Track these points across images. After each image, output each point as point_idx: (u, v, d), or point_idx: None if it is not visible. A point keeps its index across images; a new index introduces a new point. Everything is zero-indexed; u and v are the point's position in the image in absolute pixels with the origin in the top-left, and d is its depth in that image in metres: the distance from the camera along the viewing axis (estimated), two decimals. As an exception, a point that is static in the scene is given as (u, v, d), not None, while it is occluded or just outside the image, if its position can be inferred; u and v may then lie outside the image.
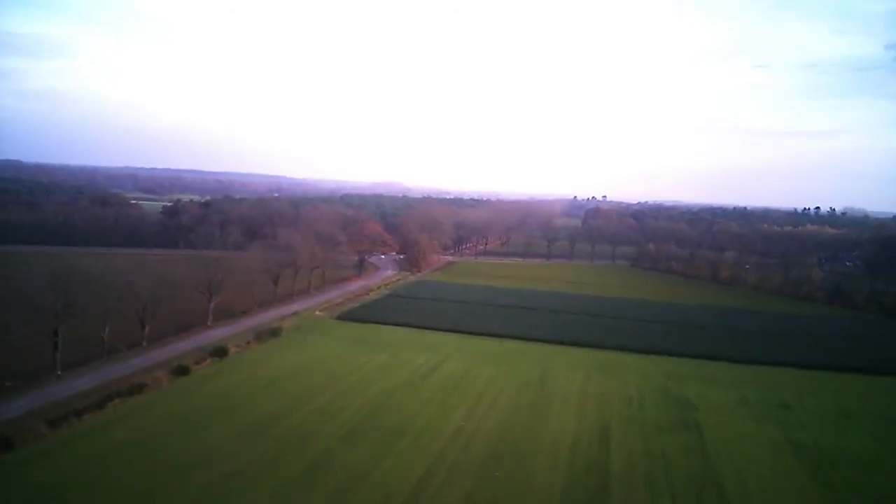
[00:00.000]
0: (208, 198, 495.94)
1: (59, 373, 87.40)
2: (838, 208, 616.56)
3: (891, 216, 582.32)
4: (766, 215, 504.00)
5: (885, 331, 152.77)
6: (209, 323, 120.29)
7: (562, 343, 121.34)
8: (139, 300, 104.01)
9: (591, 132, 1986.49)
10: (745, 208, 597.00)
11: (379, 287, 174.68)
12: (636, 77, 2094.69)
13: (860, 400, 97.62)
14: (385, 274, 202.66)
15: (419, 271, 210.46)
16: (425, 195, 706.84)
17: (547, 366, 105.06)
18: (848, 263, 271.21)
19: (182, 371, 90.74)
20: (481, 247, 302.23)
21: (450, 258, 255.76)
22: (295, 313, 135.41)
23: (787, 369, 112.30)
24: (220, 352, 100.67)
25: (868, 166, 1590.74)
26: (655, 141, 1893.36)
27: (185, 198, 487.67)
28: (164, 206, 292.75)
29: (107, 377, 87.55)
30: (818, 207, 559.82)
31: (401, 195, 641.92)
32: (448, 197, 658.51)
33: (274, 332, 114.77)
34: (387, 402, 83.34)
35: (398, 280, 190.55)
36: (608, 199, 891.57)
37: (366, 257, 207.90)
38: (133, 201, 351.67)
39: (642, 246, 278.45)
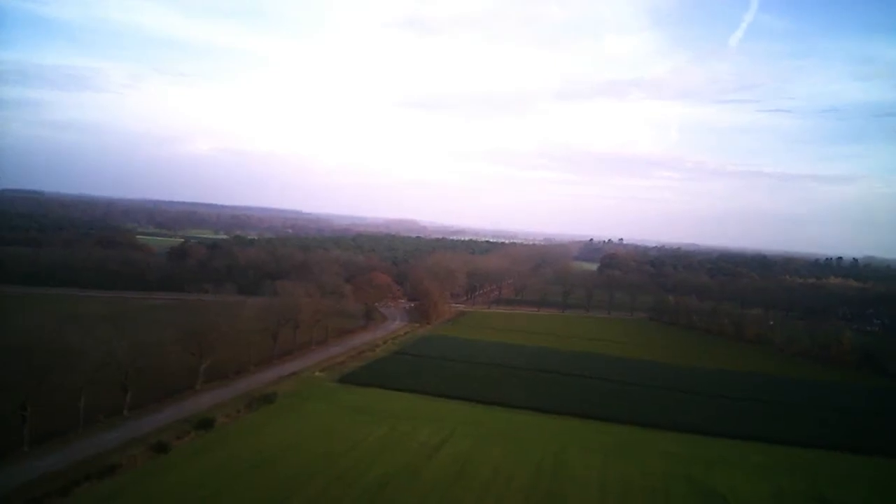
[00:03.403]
0: (222, 234, 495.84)
1: (26, 449, 79.53)
2: (858, 256, 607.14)
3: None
4: (788, 264, 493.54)
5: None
6: (198, 387, 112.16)
7: (578, 416, 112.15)
8: (122, 365, 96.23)
9: (608, 172, 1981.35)
10: (764, 256, 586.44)
11: (386, 342, 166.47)
12: (654, 118, 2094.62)
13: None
14: (393, 326, 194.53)
15: (429, 323, 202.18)
16: (439, 235, 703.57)
17: (562, 444, 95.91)
18: (876, 322, 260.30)
19: (161, 448, 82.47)
20: (495, 294, 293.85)
21: (462, 307, 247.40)
22: (293, 374, 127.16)
23: (822, 451, 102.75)
24: (205, 423, 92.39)
25: (887, 213, 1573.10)
26: (673, 183, 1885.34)
27: (199, 234, 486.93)
28: (170, 248, 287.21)
29: (78, 455, 79.31)
30: (840, 258, 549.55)
31: (414, 235, 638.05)
32: (463, 238, 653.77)
33: (268, 399, 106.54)
34: (384, 491, 74.68)
35: (406, 333, 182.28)
36: (625, 241, 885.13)
37: (374, 306, 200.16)
38: (141, 240, 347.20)
39: (662, 298, 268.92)
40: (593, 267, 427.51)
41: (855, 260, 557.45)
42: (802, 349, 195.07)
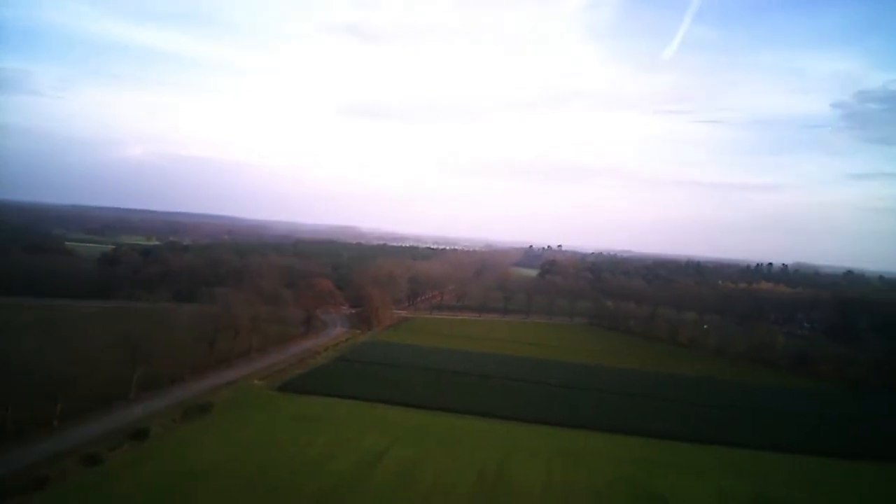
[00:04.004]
0: (154, 240, 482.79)
1: (-54, 464, 75.38)
2: (788, 262, 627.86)
3: (840, 271, 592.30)
4: (721, 270, 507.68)
5: (857, 406, 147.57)
6: (131, 397, 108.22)
7: (521, 420, 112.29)
8: (51, 374, 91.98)
9: (549, 180, 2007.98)
10: (698, 262, 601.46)
11: (327, 348, 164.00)
12: (594, 128, 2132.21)
13: (846, 490, 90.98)
14: (335, 332, 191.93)
15: (371, 329, 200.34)
16: (381, 241, 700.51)
17: (506, 450, 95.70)
18: (806, 325, 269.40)
19: (93, 460, 79.05)
20: (437, 300, 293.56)
21: (404, 313, 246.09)
22: (231, 382, 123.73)
23: (762, 452, 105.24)
24: (139, 434, 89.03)
25: (815, 221, 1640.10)
26: (610, 192, 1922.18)
27: (131, 241, 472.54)
28: (102, 254, 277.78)
29: (4, 469, 75.27)
30: (770, 264, 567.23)
31: (355, 242, 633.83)
32: (404, 245, 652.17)
33: (204, 408, 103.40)
34: (326, 501, 73.11)
35: (348, 339, 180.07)
36: (563, 247, 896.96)
37: (315, 312, 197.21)
38: (71, 246, 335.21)
39: (600, 303, 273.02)
40: (533, 273, 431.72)
41: (784, 266, 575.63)
42: (737, 352, 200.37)
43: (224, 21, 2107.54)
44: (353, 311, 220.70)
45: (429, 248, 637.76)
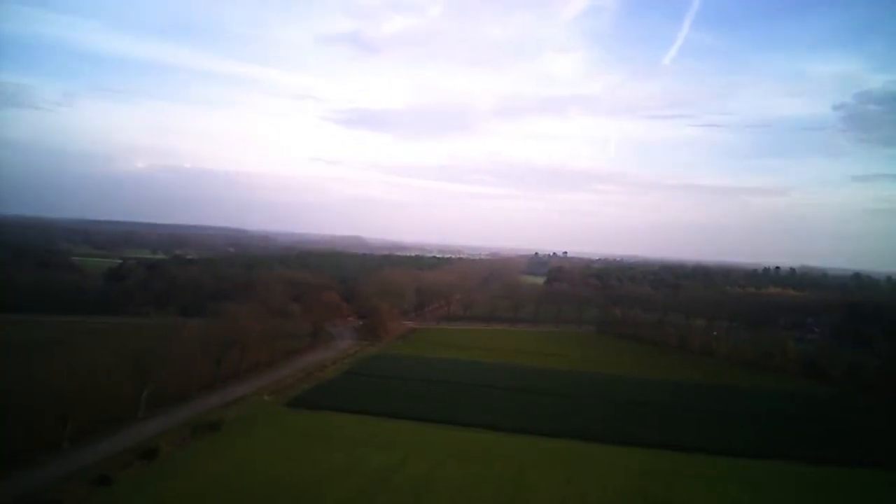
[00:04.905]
0: (161, 254, 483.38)
1: (-45, 488, 74.69)
2: (795, 265, 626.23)
3: (847, 274, 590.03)
4: (728, 275, 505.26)
5: (870, 413, 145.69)
6: (140, 415, 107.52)
7: (535, 433, 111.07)
8: (61, 394, 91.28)
9: (551, 187, 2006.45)
10: (705, 267, 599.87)
11: (335, 362, 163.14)
12: (593, 133, 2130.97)
13: (863, 500, 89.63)
14: (342, 345, 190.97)
15: (379, 341, 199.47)
16: (386, 251, 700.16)
17: (521, 463, 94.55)
18: (815, 330, 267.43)
19: (104, 481, 78.30)
20: (444, 310, 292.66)
21: (411, 324, 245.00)
22: (240, 398, 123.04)
23: (772, 461, 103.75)
24: (150, 453, 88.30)
25: (819, 223, 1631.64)
26: (613, 197, 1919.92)
27: (137, 255, 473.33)
28: (108, 269, 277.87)
29: (15, 493, 74.44)
30: (777, 267, 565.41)
31: (360, 252, 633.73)
32: (409, 254, 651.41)
33: (213, 426, 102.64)
34: (338, 521, 72.37)
35: (356, 352, 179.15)
36: (569, 254, 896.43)
37: (322, 325, 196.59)
38: (77, 261, 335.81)
39: (608, 310, 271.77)
40: (540, 281, 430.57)
41: (792, 269, 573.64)
42: (746, 359, 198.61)
43: (224, 33, 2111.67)
44: (361, 323, 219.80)
45: (434, 257, 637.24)
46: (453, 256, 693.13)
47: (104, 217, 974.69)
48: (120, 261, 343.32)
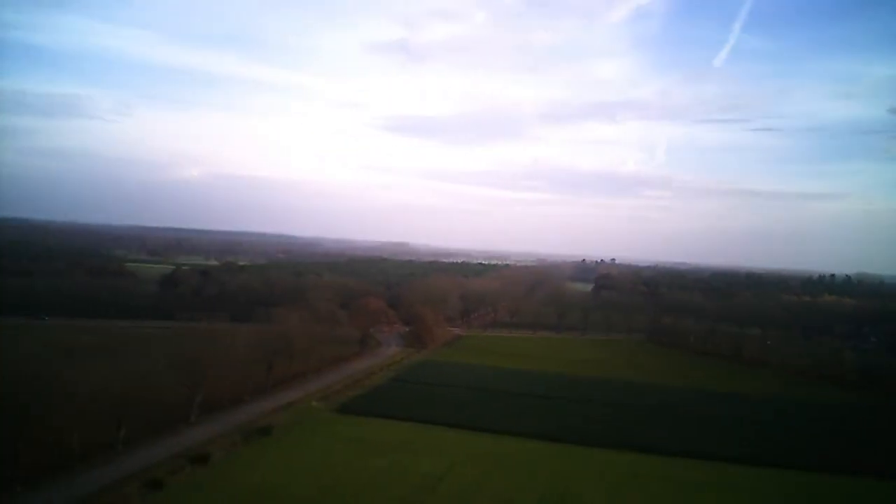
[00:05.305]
0: (213, 260, 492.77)
1: (19, 489, 76.59)
2: (851, 272, 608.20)
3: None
4: (781, 283, 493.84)
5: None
6: (192, 419, 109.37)
7: (582, 443, 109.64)
8: (115, 398, 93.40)
9: (599, 192, 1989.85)
10: (758, 274, 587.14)
11: (382, 368, 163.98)
12: (643, 138, 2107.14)
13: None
14: (389, 351, 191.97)
15: (425, 348, 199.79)
16: (432, 258, 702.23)
17: (568, 474, 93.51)
18: (872, 339, 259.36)
19: (155, 485, 79.71)
20: (490, 317, 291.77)
21: (457, 331, 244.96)
22: (290, 404, 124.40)
23: (829, 475, 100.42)
24: (200, 458, 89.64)
25: (876, 229, 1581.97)
26: (663, 202, 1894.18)
27: (190, 260, 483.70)
28: (162, 275, 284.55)
29: (70, 495, 76.19)
30: (833, 275, 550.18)
31: (406, 258, 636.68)
32: (455, 261, 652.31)
33: (264, 431, 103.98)
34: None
35: (402, 359, 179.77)
36: (617, 260, 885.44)
37: (369, 332, 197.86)
38: (131, 267, 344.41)
39: (658, 318, 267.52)
40: (587, 288, 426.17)
41: (848, 277, 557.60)
42: (802, 369, 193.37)
43: (275, 43, 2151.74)
44: (407, 330, 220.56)
45: (480, 263, 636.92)
46: (499, 263, 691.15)
47: (158, 224, 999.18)
48: (173, 267, 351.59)
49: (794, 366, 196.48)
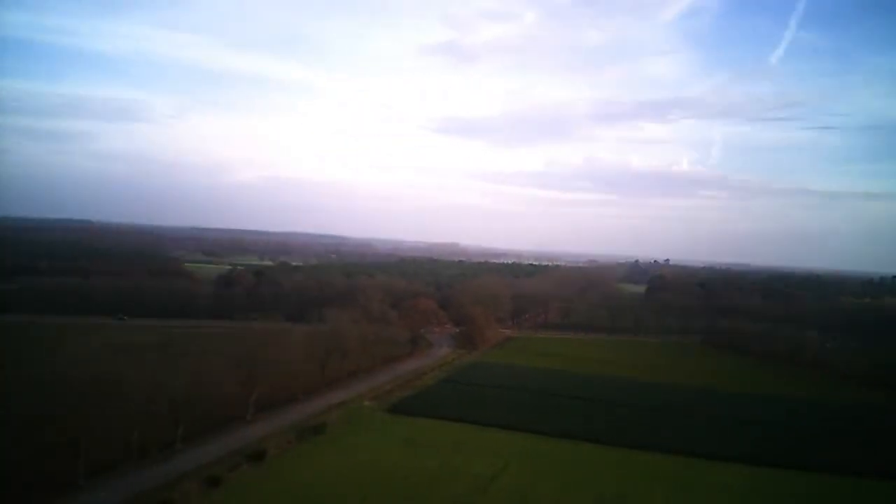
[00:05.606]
0: (267, 261, 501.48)
1: (81, 482, 79.25)
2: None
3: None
4: (841, 284, 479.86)
5: None
6: (248, 417, 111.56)
7: (635, 447, 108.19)
8: (174, 395, 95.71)
9: (651, 192, 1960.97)
10: (817, 276, 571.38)
11: (433, 369, 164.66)
12: (696, 137, 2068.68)
13: None
14: (440, 352, 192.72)
15: (476, 349, 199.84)
16: (482, 258, 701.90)
17: (621, 478, 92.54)
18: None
19: (214, 481, 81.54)
20: (541, 318, 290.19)
21: (508, 332, 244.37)
22: (342, 403, 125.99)
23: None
24: (257, 455, 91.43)
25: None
26: (717, 202, 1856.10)
27: (244, 261, 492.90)
28: (217, 276, 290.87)
29: (131, 490, 78.58)
30: (895, 276, 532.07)
31: (457, 259, 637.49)
32: (506, 261, 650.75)
33: (318, 429, 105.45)
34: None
35: (453, 360, 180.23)
36: (671, 261, 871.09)
37: (420, 332, 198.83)
38: (188, 267, 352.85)
39: (713, 321, 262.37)
40: (640, 289, 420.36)
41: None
42: (862, 374, 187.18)
43: (326, 47, 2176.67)
44: (457, 331, 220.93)
45: (531, 264, 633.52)
46: (550, 264, 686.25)
47: (213, 225, 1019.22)
48: (229, 267, 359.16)
49: (854, 370, 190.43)
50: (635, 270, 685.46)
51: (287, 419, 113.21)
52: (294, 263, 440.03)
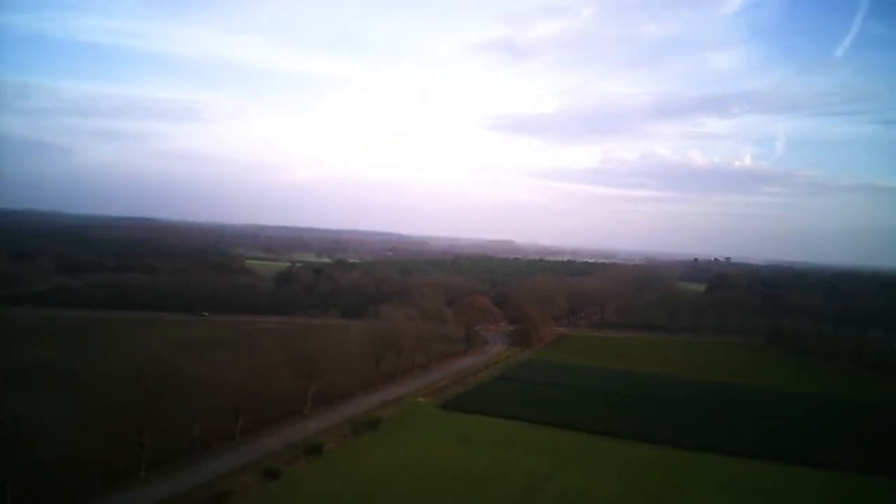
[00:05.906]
0: (325, 258, 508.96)
1: (143, 475, 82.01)
2: None
3: None
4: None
5: None
6: (306, 412, 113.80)
7: (692, 448, 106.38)
8: (234, 389, 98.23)
9: (711, 189, 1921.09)
10: (884, 275, 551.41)
11: (487, 366, 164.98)
12: (758, 132, 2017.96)
13: None
14: (494, 350, 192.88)
15: (530, 347, 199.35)
16: (537, 256, 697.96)
17: (678, 479, 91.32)
18: None
19: (272, 474, 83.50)
20: (597, 317, 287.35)
21: (563, 331, 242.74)
22: (397, 399, 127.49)
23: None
24: (314, 449, 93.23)
25: None
26: (781, 199, 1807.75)
27: (302, 258, 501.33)
28: (277, 273, 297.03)
29: (192, 481, 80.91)
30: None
31: (512, 257, 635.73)
32: (561, 259, 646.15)
33: (372, 424, 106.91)
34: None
35: (508, 357, 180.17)
36: (732, 260, 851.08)
37: (475, 330, 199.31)
38: (249, 264, 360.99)
39: (776, 321, 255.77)
40: (700, 288, 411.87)
41: None
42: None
43: (381, 46, 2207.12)
44: (512, 328, 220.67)
45: (586, 262, 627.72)
46: (606, 261, 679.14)
47: (272, 223, 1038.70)
48: (288, 264, 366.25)
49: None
50: (694, 269, 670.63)
51: (343, 414, 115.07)
52: (351, 261, 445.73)
